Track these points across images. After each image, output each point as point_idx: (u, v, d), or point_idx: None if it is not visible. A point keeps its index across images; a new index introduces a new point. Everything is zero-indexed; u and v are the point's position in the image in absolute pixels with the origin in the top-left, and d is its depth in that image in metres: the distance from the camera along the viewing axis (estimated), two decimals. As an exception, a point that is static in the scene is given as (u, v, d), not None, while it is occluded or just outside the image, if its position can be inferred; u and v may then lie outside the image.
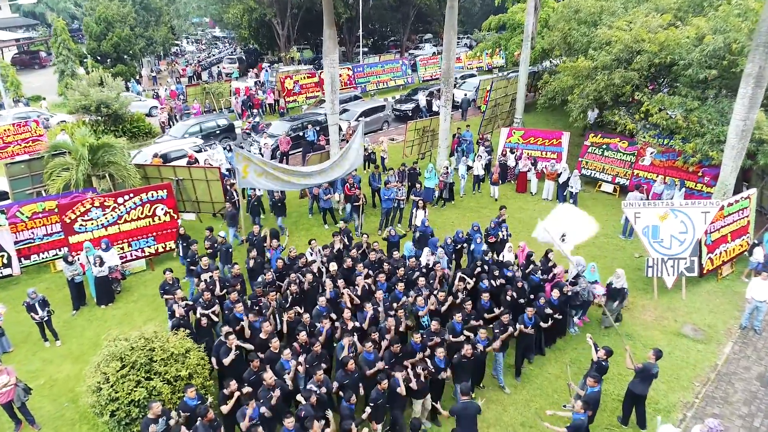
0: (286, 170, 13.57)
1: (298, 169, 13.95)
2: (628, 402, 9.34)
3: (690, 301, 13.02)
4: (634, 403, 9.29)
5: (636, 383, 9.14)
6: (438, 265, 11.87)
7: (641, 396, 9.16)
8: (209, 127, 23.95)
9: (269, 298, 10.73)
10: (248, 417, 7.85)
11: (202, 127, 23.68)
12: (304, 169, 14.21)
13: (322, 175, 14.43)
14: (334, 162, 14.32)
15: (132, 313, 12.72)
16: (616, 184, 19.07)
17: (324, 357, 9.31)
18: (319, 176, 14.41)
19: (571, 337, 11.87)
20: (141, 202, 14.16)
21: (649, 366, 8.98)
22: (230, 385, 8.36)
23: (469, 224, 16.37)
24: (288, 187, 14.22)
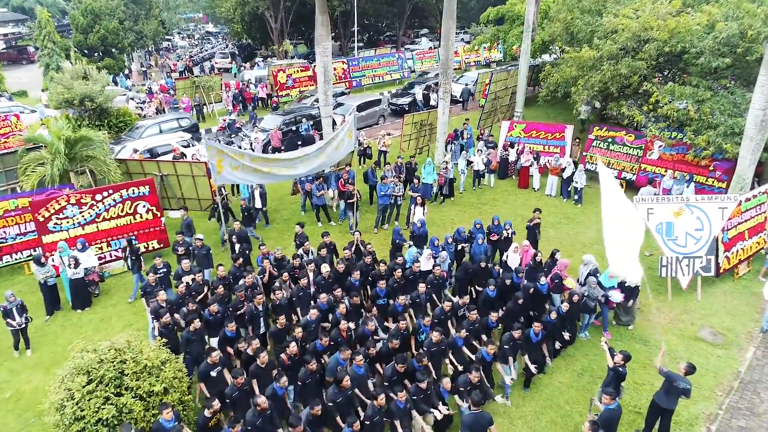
0: (265, 160, 12.54)
1: (279, 157, 12.91)
2: (652, 415, 8.53)
3: (706, 303, 12.23)
4: (658, 417, 8.49)
5: (660, 395, 8.34)
6: (438, 268, 11.02)
7: (667, 410, 8.36)
8: (170, 128, 22.13)
9: (256, 302, 9.87)
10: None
11: (161, 127, 22.06)
12: (284, 156, 13.19)
13: (305, 164, 13.41)
14: (319, 149, 13.33)
15: (110, 318, 11.84)
16: (623, 180, 18.23)
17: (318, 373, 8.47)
18: (302, 165, 13.39)
19: (582, 343, 11.05)
20: (121, 198, 13.27)
21: (674, 377, 8.17)
22: (213, 405, 7.50)
23: (469, 221, 15.62)
24: (268, 180, 13.21)
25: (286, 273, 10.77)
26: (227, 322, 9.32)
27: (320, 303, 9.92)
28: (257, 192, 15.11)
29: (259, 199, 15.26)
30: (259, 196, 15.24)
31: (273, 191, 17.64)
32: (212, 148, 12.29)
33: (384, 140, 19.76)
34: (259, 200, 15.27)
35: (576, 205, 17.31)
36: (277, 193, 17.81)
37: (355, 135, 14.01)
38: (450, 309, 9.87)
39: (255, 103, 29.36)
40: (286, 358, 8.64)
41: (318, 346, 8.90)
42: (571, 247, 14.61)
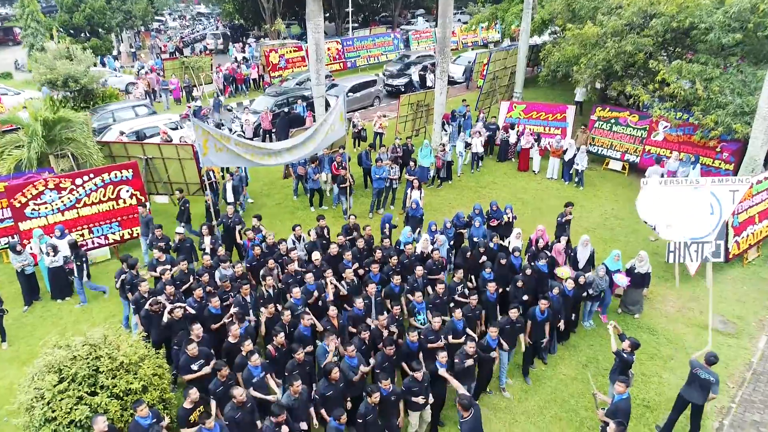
0: (249, 146, 11.87)
1: (264, 146, 12.25)
2: (676, 408, 8.10)
3: (715, 290, 11.69)
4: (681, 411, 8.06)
5: (684, 386, 7.94)
6: (436, 253, 10.48)
7: (695, 404, 7.91)
8: (125, 117, 20.28)
9: (243, 292, 9.31)
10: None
11: (115, 116, 20.27)
12: (270, 146, 12.56)
13: (291, 153, 12.77)
14: (307, 137, 12.67)
15: (92, 308, 11.28)
16: (626, 162, 17.69)
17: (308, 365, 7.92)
18: (288, 154, 12.75)
19: (586, 332, 10.57)
20: (103, 183, 12.62)
21: (696, 364, 7.73)
22: (190, 395, 6.97)
23: (468, 205, 15.02)
24: (252, 164, 12.58)
25: (272, 260, 10.18)
26: (210, 298, 8.79)
27: (308, 284, 9.39)
28: (229, 185, 13.97)
29: (231, 192, 14.07)
30: (231, 190, 14.07)
31: (264, 175, 17.02)
32: (199, 128, 11.63)
33: (380, 122, 19.09)
34: (230, 194, 14.08)
35: (577, 188, 16.75)
36: (268, 176, 17.18)
37: (346, 118, 13.31)
38: (444, 291, 9.33)
39: (247, 84, 28.56)
40: (273, 350, 8.11)
41: (302, 330, 8.35)
42: (574, 232, 13.99)
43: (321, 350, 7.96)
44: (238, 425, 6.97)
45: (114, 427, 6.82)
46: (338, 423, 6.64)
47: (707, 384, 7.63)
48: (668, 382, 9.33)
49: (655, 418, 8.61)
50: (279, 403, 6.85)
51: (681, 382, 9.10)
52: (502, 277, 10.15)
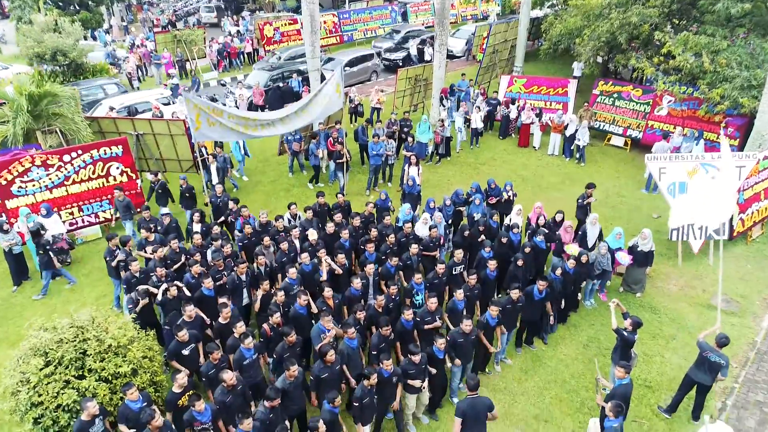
0: (242, 118, 11.48)
1: (258, 117, 11.83)
2: (682, 388, 7.96)
3: (718, 268, 11.47)
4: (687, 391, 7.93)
5: (692, 368, 7.76)
6: (434, 230, 10.21)
7: (701, 384, 7.74)
8: (89, 94, 19.23)
9: (239, 271, 9.05)
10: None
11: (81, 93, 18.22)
12: (263, 115, 12.16)
13: (284, 123, 12.38)
14: (300, 108, 12.26)
15: (82, 288, 11.04)
16: (628, 137, 17.32)
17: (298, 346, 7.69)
18: (281, 125, 12.35)
19: (587, 312, 10.37)
20: (92, 159, 12.26)
21: (705, 347, 7.55)
22: (177, 379, 6.77)
23: (467, 182, 14.69)
24: (246, 137, 12.22)
25: (268, 238, 9.91)
26: (203, 279, 8.54)
27: (304, 265, 9.13)
28: (213, 166, 13.46)
29: (215, 174, 13.61)
30: (215, 171, 13.55)
31: (259, 152, 16.65)
32: (190, 102, 11.23)
33: (377, 97, 18.63)
34: (215, 176, 13.63)
35: (578, 164, 16.43)
36: (263, 154, 16.80)
37: (343, 90, 12.87)
38: (444, 271, 9.08)
39: (241, 59, 27.92)
40: (269, 329, 7.89)
41: (298, 308, 8.12)
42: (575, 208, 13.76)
43: (316, 331, 7.73)
44: (228, 408, 6.79)
45: (105, 409, 6.63)
46: (332, 406, 6.44)
47: (717, 367, 7.45)
48: (670, 362, 9.17)
49: (656, 398, 8.46)
50: (274, 387, 6.64)
51: (683, 362, 9.02)
52: (501, 256, 9.91)
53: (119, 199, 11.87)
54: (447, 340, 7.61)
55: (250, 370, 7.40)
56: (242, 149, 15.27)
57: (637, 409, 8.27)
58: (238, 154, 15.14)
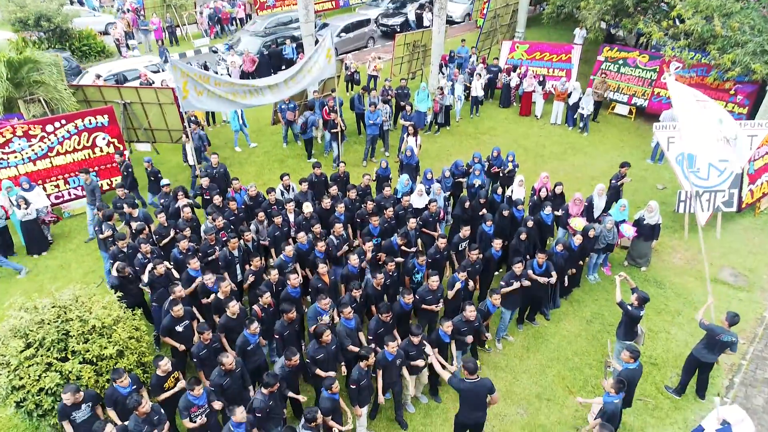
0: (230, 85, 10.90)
1: (246, 83, 11.25)
2: (690, 370, 7.69)
3: (725, 241, 11.20)
4: (695, 372, 7.66)
5: (699, 347, 7.45)
6: (434, 204, 9.81)
7: (707, 364, 7.50)
8: None
9: (231, 246, 8.67)
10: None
11: None
12: (253, 82, 11.58)
13: (274, 92, 11.79)
14: (290, 76, 11.68)
15: (69, 263, 10.68)
16: (632, 106, 16.78)
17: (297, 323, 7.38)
18: (271, 93, 11.77)
19: (591, 287, 10.08)
20: (76, 130, 11.75)
21: (716, 330, 7.21)
22: (160, 365, 6.46)
23: (467, 152, 14.28)
24: (235, 107, 11.65)
25: (261, 212, 9.52)
26: (188, 259, 8.17)
27: (299, 243, 8.76)
28: (189, 146, 12.36)
29: (191, 154, 12.51)
30: (191, 150, 12.43)
31: (252, 122, 16.05)
32: (177, 68, 10.62)
33: (374, 64, 17.97)
34: (191, 156, 12.54)
35: (582, 133, 15.95)
36: (256, 124, 16.24)
37: (335, 56, 12.25)
38: (445, 247, 8.73)
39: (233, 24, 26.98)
40: (260, 310, 7.56)
41: (290, 291, 7.78)
42: (578, 180, 13.40)
43: (312, 313, 7.41)
44: (225, 392, 6.52)
45: (92, 393, 6.32)
46: (330, 393, 6.16)
47: (729, 345, 7.20)
48: (676, 338, 8.92)
49: (662, 376, 8.23)
50: (271, 373, 6.33)
51: (690, 338, 8.78)
52: (503, 229, 9.55)
53: (86, 182, 10.98)
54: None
55: (254, 355, 7.11)
56: (240, 118, 14.68)
57: (642, 386, 7.99)
58: (235, 123, 14.58)
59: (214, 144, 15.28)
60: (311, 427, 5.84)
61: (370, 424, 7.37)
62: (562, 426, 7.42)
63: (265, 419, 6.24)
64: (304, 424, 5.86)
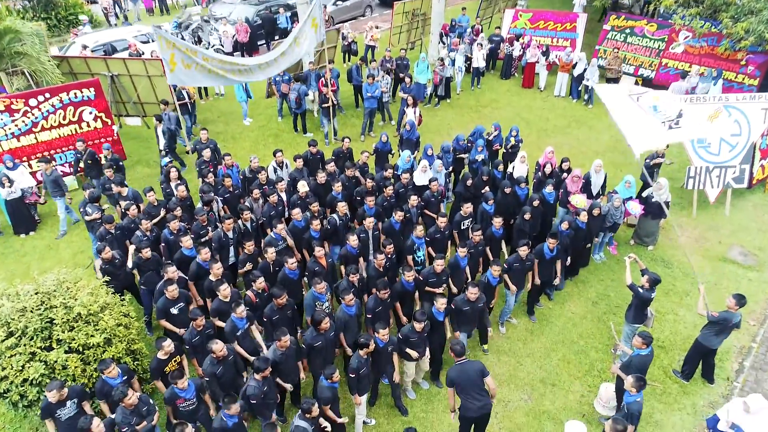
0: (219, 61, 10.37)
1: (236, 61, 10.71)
2: (696, 355, 7.42)
3: (735, 218, 10.89)
4: (703, 357, 7.40)
5: (708, 335, 7.13)
6: (435, 183, 9.40)
7: (713, 350, 7.25)
8: None
9: (225, 227, 8.31)
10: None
11: None
12: (243, 61, 11.05)
13: (263, 70, 11.31)
14: (280, 53, 11.15)
15: (58, 244, 10.31)
16: (639, 77, 16.26)
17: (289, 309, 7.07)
18: (260, 71, 11.30)
19: (596, 267, 9.78)
20: (61, 104, 11.25)
21: (730, 316, 6.92)
22: (163, 346, 6.19)
23: (467, 126, 13.88)
24: (223, 82, 11.14)
25: (256, 190, 9.14)
26: (181, 238, 7.82)
27: (295, 221, 8.41)
28: (160, 129, 11.63)
29: (162, 138, 11.73)
30: (162, 134, 11.69)
31: (245, 94, 15.48)
32: (162, 39, 10.05)
33: (371, 34, 17.33)
34: (162, 140, 11.76)
35: (586, 106, 15.49)
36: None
37: (321, 24, 11.66)
38: (446, 225, 8.38)
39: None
40: (254, 296, 7.24)
41: (288, 273, 7.45)
42: (582, 154, 13.01)
43: (309, 299, 7.10)
44: (218, 380, 6.24)
45: (77, 388, 6.01)
46: (330, 382, 5.89)
47: (736, 326, 6.94)
48: (684, 320, 8.66)
49: (670, 359, 7.99)
50: (262, 357, 6.05)
51: (698, 320, 8.51)
52: (506, 208, 9.19)
53: (47, 172, 10.07)
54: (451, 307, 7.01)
55: (244, 340, 6.82)
56: (245, 89, 14.04)
57: (649, 371, 7.65)
58: (241, 95, 14.02)
59: (206, 118, 14.81)
60: (307, 419, 5.59)
61: (369, 411, 7.15)
62: (567, 412, 7.20)
63: (261, 405, 6.01)
64: (300, 415, 5.61)
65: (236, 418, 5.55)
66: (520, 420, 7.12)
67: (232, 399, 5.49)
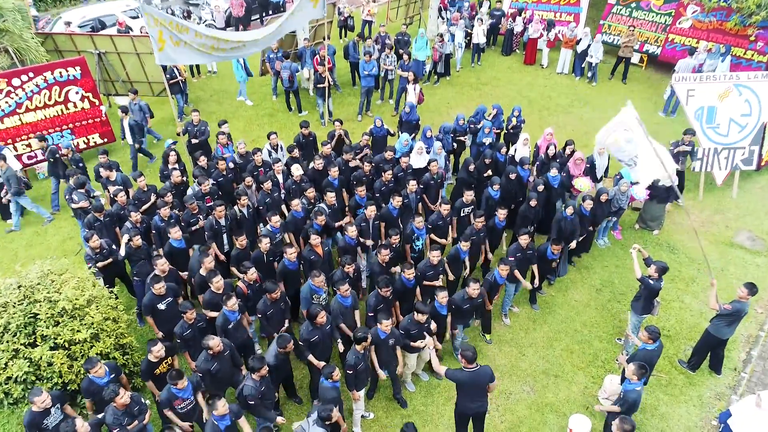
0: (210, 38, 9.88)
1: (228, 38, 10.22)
2: (705, 346, 7.20)
3: (742, 201, 10.62)
4: (713, 348, 7.19)
5: (720, 326, 6.90)
6: (434, 164, 9.08)
7: (724, 341, 7.04)
8: None
9: (217, 214, 7.99)
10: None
11: None
12: (233, 36, 10.59)
13: (257, 45, 10.87)
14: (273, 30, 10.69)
15: (46, 230, 10.00)
16: (644, 53, 15.78)
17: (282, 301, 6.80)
18: (253, 46, 10.85)
19: (600, 252, 9.53)
20: (46, 83, 10.82)
21: (742, 306, 6.68)
22: (153, 350, 5.93)
23: (468, 105, 13.50)
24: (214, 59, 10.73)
25: (250, 177, 8.80)
26: (169, 228, 7.49)
27: (294, 211, 8.09)
28: (126, 122, 10.94)
29: (129, 132, 11.02)
30: (129, 127, 10.97)
31: (239, 72, 14.99)
32: (150, 16, 9.57)
33: (368, 8, 16.77)
34: (129, 134, 11.03)
35: (590, 83, 15.05)
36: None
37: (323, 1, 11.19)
38: (448, 212, 8.08)
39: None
40: (245, 287, 6.97)
41: (288, 264, 7.18)
42: (585, 134, 12.63)
43: (306, 292, 6.84)
44: (213, 377, 6.01)
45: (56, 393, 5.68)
46: (332, 381, 5.65)
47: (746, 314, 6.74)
48: (690, 308, 8.44)
49: (675, 349, 7.78)
50: (257, 356, 5.78)
51: (704, 308, 8.32)
52: (509, 193, 8.89)
53: (1, 169, 9.36)
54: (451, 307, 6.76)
55: (235, 332, 6.58)
56: (244, 67, 13.51)
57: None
58: (240, 73, 13.52)
59: (198, 97, 14.36)
60: (326, 426, 5.35)
61: (368, 404, 6.96)
62: (570, 404, 7.02)
63: (258, 406, 5.78)
64: (317, 421, 5.35)
65: (228, 420, 5.32)
66: (522, 413, 6.94)
67: (216, 397, 5.26)
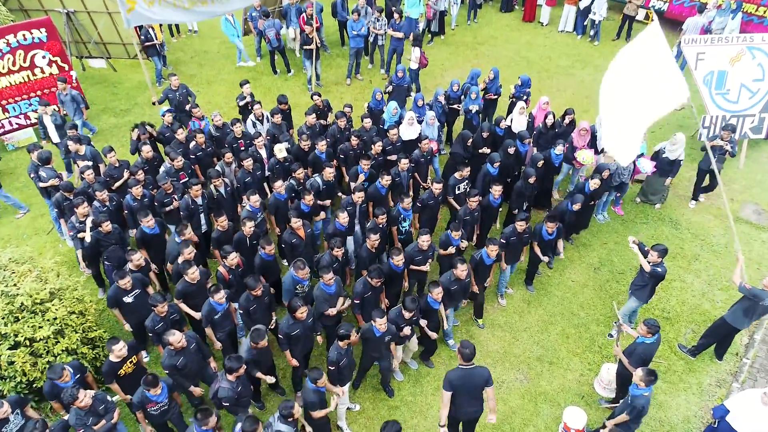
0: None
1: None
2: (716, 334, 6.85)
3: (749, 172, 10.13)
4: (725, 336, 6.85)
5: (736, 315, 6.53)
6: (425, 142, 8.44)
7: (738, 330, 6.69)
8: None
9: (193, 193, 7.46)
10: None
11: None
12: None
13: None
14: None
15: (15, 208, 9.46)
16: (650, 9, 14.89)
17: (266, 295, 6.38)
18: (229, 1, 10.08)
19: (598, 228, 9.08)
20: (9, 48, 10.06)
21: (760, 294, 6.27)
22: (114, 350, 5.50)
23: (464, 67, 12.73)
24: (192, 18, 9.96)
25: (230, 153, 8.20)
26: (141, 217, 6.94)
27: (276, 193, 7.54)
28: (47, 118, 9.48)
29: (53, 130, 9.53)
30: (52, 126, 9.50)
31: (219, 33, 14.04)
32: (118, -26, 8.81)
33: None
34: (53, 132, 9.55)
35: (593, 42, 14.27)
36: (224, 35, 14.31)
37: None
38: (441, 191, 7.58)
39: None
40: (226, 273, 6.54)
41: (264, 255, 6.70)
42: (587, 99, 12.01)
43: (288, 283, 6.41)
44: (180, 372, 5.65)
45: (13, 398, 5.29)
46: (317, 386, 5.29)
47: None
48: (692, 288, 8.07)
49: (675, 332, 7.46)
50: (234, 356, 5.39)
51: (707, 288, 7.99)
52: (506, 168, 8.37)
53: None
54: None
55: (223, 322, 6.19)
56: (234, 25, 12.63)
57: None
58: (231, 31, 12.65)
59: (178, 59, 13.54)
60: (289, 423, 5.05)
61: (353, 394, 6.66)
62: (565, 393, 6.73)
63: (235, 405, 5.46)
64: (280, 418, 5.05)
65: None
66: (515, 402, 6.65)
67: (206, 413, 4.89)
